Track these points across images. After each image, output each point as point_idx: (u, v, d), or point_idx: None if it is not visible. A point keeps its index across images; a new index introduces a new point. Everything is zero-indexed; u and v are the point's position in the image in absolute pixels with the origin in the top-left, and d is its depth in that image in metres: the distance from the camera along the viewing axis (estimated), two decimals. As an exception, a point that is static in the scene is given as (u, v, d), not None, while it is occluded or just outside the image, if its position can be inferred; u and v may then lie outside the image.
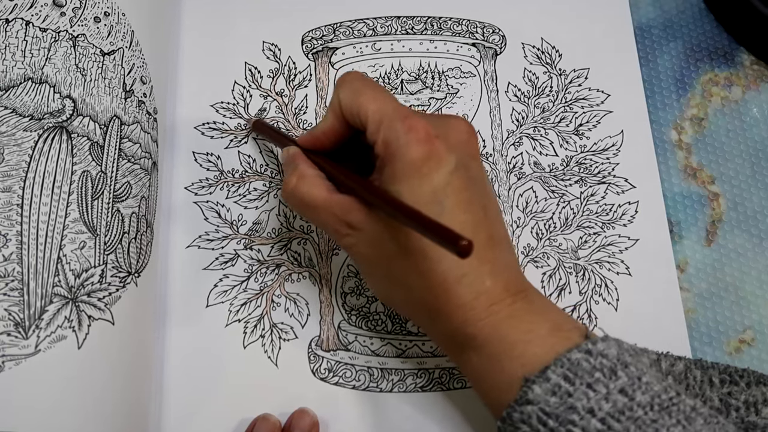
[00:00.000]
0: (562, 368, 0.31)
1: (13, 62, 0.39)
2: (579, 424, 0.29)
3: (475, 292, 0.33)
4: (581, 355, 0.31)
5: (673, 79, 0.50)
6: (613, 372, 0.30)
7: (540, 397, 0.30)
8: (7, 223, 0.36)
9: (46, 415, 0.34)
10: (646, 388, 0.30)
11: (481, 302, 0.33)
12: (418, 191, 0.33)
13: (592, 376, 0.30)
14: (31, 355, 0.34)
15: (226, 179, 0.46)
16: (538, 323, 0.33)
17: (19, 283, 0.35)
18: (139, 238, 0.40)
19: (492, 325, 0.33)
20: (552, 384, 0.30)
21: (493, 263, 0.34)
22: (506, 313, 0.33)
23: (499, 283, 0.33)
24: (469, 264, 0.33)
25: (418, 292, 0.34)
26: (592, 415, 0.29)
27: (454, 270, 0.33)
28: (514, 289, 0.34)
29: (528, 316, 0.33)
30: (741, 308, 0.44)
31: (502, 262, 0.34)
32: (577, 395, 0.30)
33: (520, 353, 0.32)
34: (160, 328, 0.42)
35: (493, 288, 0.33)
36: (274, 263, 0.44)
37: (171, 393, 0.41)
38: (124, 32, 0.43)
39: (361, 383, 0.42)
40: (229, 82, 0.48)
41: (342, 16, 0.50)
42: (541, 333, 0.33)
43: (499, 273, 0.34)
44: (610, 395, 0.30)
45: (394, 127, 0.34)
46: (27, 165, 0.37)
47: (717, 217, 0.46)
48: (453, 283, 0.33)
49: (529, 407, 0.31)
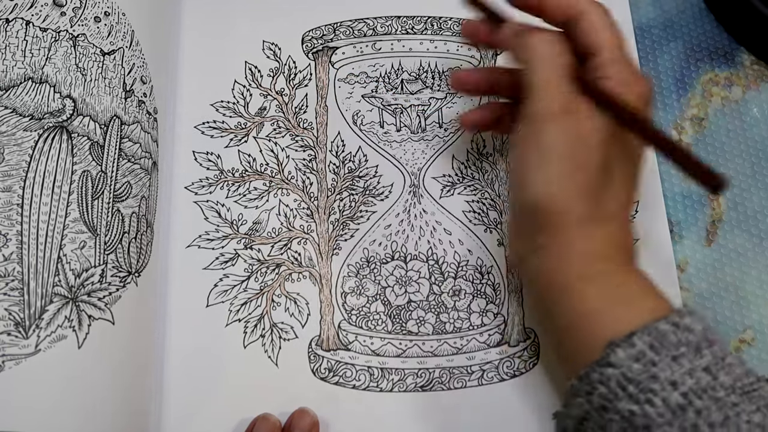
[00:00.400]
0: (649, 336, 0.31)
1: (13, 62, 0.39)
2: (660, 394, 0.29)
3: (619, 239, 0.35)
4: (669, 327, 0.31)
5: (673, 79, 0.50)
6: (698, 349, 0.30)
7: (623, 362, 0.30)
8: (7, 222, 0.36)
9: (46, 415, 0.34)
10: (729, 369, 0.30)
11: (619, 250, 0.35)
12: None
13: (678, 350, 0.30)
14: (32, 354, 0.34)
15: (226, 178, 0.46)
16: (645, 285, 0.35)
17: (19, 282, 0.35)
18: (139, 237, 0.40)
19: (620, 272, 0.35)
20: (637, 350, 0.30)
21: (629, 222, 0.37)
22: (629, 271, 0.35)
23: (628, 240, 0.36)
24: (623, 208, 0.36)
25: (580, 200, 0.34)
26: (674, 387, 0.29)
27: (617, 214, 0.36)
28: (632, 257, 0.36)
29: (640, 277, 0.35)
30: (741, 308, 0.44)
31: (631, 234, 0.37)
32: (661, 366, 0.30)
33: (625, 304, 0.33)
34: (160, 328, 0.42)
35: (626, 243, 0.36)
36: (275, 263, 0.44)
37: (171, 393, 0.41)
38: (125, 32, 0.42)
39: (361, 383, 0.42)
40: (229, 81, 0.48)
41: (342, 15, 0.50)
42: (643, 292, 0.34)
43: (630, 237, 0.37)
44: (694, 371, 0.30)
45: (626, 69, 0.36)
46: (27, 165, 0.37)
47: (717, 217, 0.46)
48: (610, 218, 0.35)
49: (610, 370, 0.31)
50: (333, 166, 0.47)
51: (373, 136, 0.47)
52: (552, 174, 0.34)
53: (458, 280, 0.45)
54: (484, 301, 0.44)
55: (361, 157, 0.47)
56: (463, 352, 0.43)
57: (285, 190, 0.46)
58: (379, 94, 0.48)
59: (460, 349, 0.43)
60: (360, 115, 0.48)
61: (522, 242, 0.37)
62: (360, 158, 0.47)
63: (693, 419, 0.29)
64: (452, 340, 0.43)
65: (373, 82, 0.48)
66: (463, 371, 0.43)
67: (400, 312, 0.44)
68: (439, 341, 0.43)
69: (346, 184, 0.46)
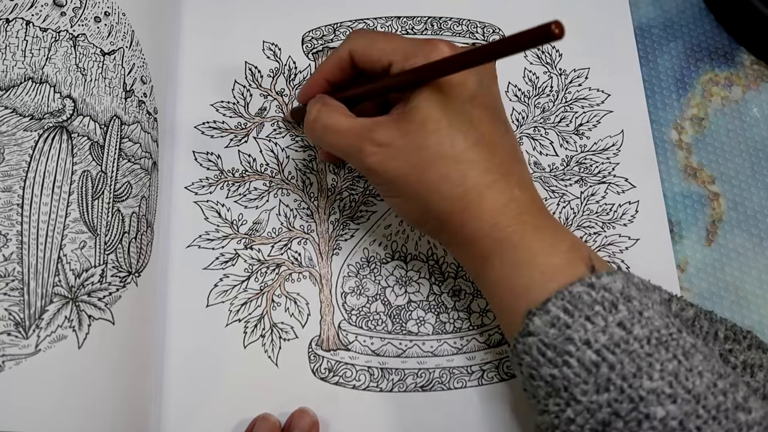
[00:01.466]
0: (562, 301, 0.31)
1: (13, 62, 0.39)
2: (575, 354, 0.30)
3: (506, 198, 0.35)
4: (583, 288, 0.31)
5: (674, 78, 0.50)
6: (614, 305, 0.31)
7: (540, 329, 0.31)
8: (7, 222, 0.36)
9: (46, 415, 0.34)
10: (646, 322, 0.31)
11: (511, 209, 0.35)
12: (449, 105, 0.35)
13: (592, 309, 0.31)
14: (32, 354, 0.34)
15: (227, 178, 0.46)
16: (560, 239, 0.35)
17: (19, 282, 0.35)
18: (140, 237, 0.40)
19: (520, 232, 0.34)
20: (552, 316, 0.31)
21: (519, 176, 0.36)
22: (533, 224, 0.35)
23: (526, 194, 0.36)
24: (498, 171, 0.35)
25: (448, 201, 0.35)
26: (588, 346, 0.30)
27: (485, 176, 0.35)
28: (540, 205, 0.36)
29: (551, 231, 0.35)
30: (741, 308, 0.44)
31: (527, 177, 0.37)
32: (575, 327, 0.31)
33: (542, 262, 0.33)
34: (160, 328, 0.42)
35: (521, 197, 0.35)
36: (275, 263, 0.44)
37: (171, 393, 0.41)
38: (125, 32, 0.43)
39: (361, 383, 0.42)
40: (229, 81, 0.48)
41: (342, 16, 0.50)
42: (562, 248, 0.34)
43: (526, 186, 0.36)
44: (607, 328, 0.30)
45: (423, 52, 0.35)
46: (27, 165, 0.37)
47: (717, 216, 0.46)
48: (485, 187, 0.35)
49: (530, 338, 0.32)
50: (333, 166, 0.47)
51: (373, 136, 0.47)
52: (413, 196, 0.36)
53: (458, 280, 0.45)
54: (484, 301, 0.44)
55: (361, 157, 0.47)
56: (463, 352, 0.43)
57: (285, 190, 0.46)
58: (379, 94, 0.48)
59: (460, 349, 0.43)
60: (360, 115, 0.48)
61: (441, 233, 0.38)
62: (360, 158, 0.47)
63: (606, 374, 0.30)
64: (452, 340, 0.43)
65: (373, 82, 0.48)
66: (463, 371, 0.43)
67: (400, 312, 0.44)
68: (439, 341, 0.43)
69: (346, 184, 0.46)
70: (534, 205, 0.36)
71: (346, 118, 0.37)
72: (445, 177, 0.35)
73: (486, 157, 0.35)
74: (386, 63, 0.37)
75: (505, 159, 0.35)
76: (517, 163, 0.37)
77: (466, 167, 0.35)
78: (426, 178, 0.35)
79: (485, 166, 0.35)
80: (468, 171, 0.35)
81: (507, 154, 0.36)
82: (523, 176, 0.37)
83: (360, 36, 0.39)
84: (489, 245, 0.35)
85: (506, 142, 0.36)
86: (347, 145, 0.37)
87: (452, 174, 0.35)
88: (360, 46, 0.38)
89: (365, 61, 0.38)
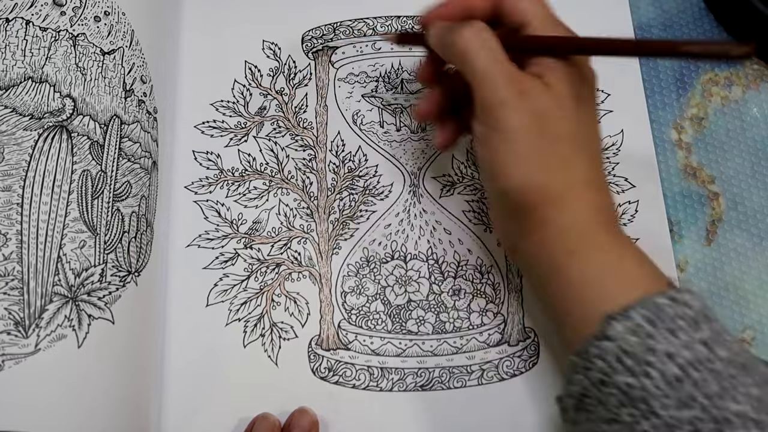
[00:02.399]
0: (645, 310, 0.30)
1: (13, 61, 0.39)
2: (657, 366, 0.29)
3: (603, 199, 0.36)
4: (666, 300, 0.31)
5: (673, 78, 0.50)
6: (696, 323, 0.30)
7: (620, 335, 0.30)
8: (7, 222, 0.36)
9: (46, 414, 0.34)
10: (727, 344, 0.30)
11: (606, 210, 0.35)
12: (583, 91, 0.36)
13: (675, 323, 0.30)
14: (31, 354, 0.34)
15: (226, 178, 0.46)
16: (641, 252, 0.35)
17: (19, 282, 0.35)
18: (139, 237, 0.40)
19: (613, 234, 0.35)
20: (634, 323, 0.30)
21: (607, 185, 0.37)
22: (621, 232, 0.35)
23: (614, 204, 0.37)
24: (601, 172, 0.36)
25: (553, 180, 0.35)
26: (671, 359, 0.29)
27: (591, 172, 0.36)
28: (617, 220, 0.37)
29: (632, 243, 0.35)
30: (741, 308, 0.44)
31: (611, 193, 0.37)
32: (658, 338, 0.30)
33: (628, 269, 0.33)
34: (160, 327, 0.42)
35: (611, 204, 0.36)
36: (274, 262, 0.44)
37: (171, 393, 0.41)
38: (124, 31, 0.42)
39: (361, 382, 0.42)
40: (229, 80, 0.48)
41: (342, 15, 0.50)
42: (645, 259, 0.34)
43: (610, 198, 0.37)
44: (691, 344, 0.30)
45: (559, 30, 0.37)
46: (27, 164, 0.37)
47: (717, 216, 0.46)
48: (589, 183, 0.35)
49: (607, 343, 0.31)
50: (333, 166, 0.47)
51: (373, 136, 0.47)
52: (520, 157, 0.35)
53: (458, 279, 0.45)
54: (483, 300, 0.44)
55: (361, 157, 0.47)
56: (462, 351, 0.43)
57: (285, 190, 0.46)
58: (379, 94, 0.48)
59: (460, 349, 0.43)
60: (360, 115, 0.48)
61: (508, 232, 0.37)
62: (360, 158, 0.47)
63: (690, 391, 0.29)
64: (452, 339, 0.43)
65: (373, 82, 0.48)
66: (463, 371, 0.43)
67: (400, 311, 0.44)
68: (439, 341, 0.43)
69: (346, 183, 0.46)
70: (615, 218, 0.37)
71: (504, 54, 0.36)
72: (561, 156, 0.35)
73: (594, 155, 0.36)
74: (525, 20, 0.37)
75: (602, 163, 0.37)
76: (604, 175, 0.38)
77: (582, 157, 0.35)
78: (544, 145, 0.34)
79: (593, 163, 0.36)
80: (580, 161, 0.35)
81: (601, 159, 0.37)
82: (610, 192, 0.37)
83: None
84: (577, 241, 0.34)
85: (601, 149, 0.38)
86: (494, 74, 0.35)
87: (568, 155, 0.35)
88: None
89: (509, 8, 0.37)
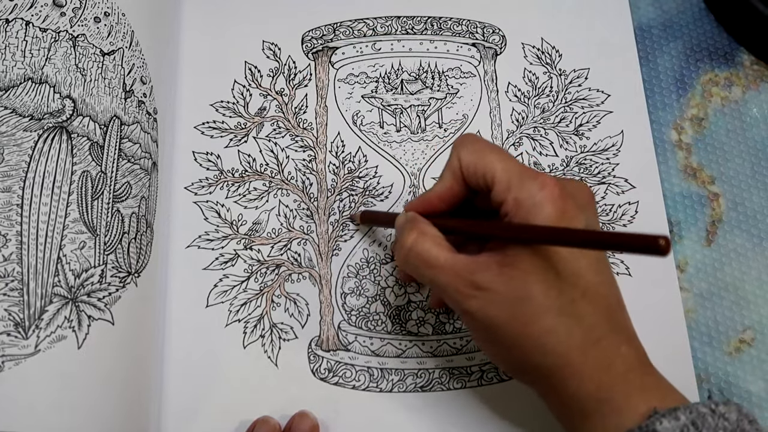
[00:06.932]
0: (690, 414, 0.30)
1: (13, 62, 0.39)
2: None
3: (612, 356, 0.33)
4: (707, 410, 0.31)
5: (673, 79, 0.50)
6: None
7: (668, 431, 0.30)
8: (7, 223, 0.36)
9: (46, 414, 0.34)
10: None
11: (617, 367, 0.32)
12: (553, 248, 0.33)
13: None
14: (31, 355, 0.34)
15: (226, 179, 0.46)
16: (668, 398, 0.33)
17: (19, 283, 0.35)
18: (139, 238, 0.40)
19: (624, 393, 0.32)
20: (681, 423, 0.30)
21: (626, 330, 0.34)
22: (639, 384, 0.33)
23: (632, 350, 0.33)
24: (605, 327, 0.33)
25: (551, 357, 0.32)
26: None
27: (591, 332, 0.32)
28: (645, 359, 0.34)
29: (656, 391, 0.33)
30: (741, 308, 0.44)
31: (632, 329, 0.34)
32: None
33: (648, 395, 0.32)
34: (160, 328, 0.42)
35: (627, 354, 0.33)
36: (274, 263, 0.44)
37: (171, 393, 0.41)
38: (124, 32, 0.43)
39: (361, 383, 0.42)
40: (229, 81, 0.48)
41: (342, 15, 0.50)
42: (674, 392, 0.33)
43: (632, 340, 0.34)
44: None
45: (527, 186, 0.33)
46: (27, 165, 0.37)
47: (717, 217, 0.46)
48: (591, 344, 0.32)
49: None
50: (333, 167, 0.47)
51: (373, 137, 0.47)
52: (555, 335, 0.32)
53: (458, 280, 0.44)
54: (483, 301, 0.44)
55: (361, 158, 0.47)
56: (462, 352, 0.43)
57: (285, 191, 0.46)
58: (379, 95, 0.48)
59: (460, 350, 0.43)
60: (360, 116, 0.48)
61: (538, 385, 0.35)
62: (360, 159, 0.47)
63: None
64: (452, 340, 0.43)
65: (373, 83, 0.48)
66: (463, 371, 0.43)
67: (400, 312, 0.44)
68: (439, 341, 0.43)
69: (346, 184, 0.46)
70: (639, 361, 0.33)
71: (445, 253, 0.34)
72: (550, 331, 0.32)
73: (592, 311, 0.33)
74: (490, 181, 0.34)
75: (611, 312, 0.33)
76: (623, 314, 0.34)
77: (573, 322, 0.32)
78: (529, 331, 0.32)
79: (592, 321, 0.32)
80: (574, 327, 0.32)
81: (613, 306, 0.34)
82: (629, 329, 0.34)
83: (467, 145, 0.36)
84: (591, 405, 0.33)
85: (612, 294, 0.34)
86: (445, 282, 0.34)
87: (558, 329, 0.32)
88: (467, 157, 0.35)
89: (469, 175, 0.35)
